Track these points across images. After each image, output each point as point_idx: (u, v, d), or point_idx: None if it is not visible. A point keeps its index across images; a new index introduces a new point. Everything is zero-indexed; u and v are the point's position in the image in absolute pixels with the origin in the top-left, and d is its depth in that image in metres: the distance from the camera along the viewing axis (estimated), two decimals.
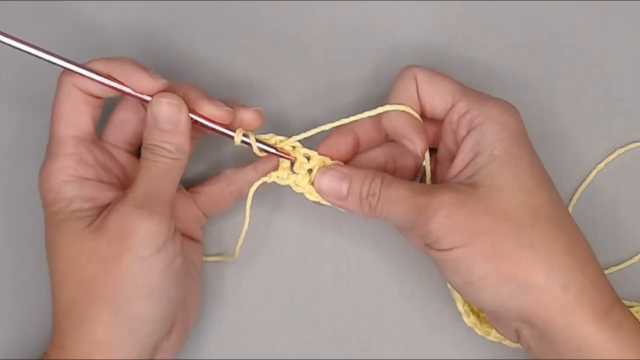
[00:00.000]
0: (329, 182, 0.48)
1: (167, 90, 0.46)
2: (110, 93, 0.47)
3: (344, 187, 0.47)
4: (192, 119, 0.46)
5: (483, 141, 0.45)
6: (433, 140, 0.50)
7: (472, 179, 0.45)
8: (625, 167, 0.55)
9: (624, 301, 0.51)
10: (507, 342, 0.49)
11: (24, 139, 0.55)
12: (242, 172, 0.51)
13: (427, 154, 0.49)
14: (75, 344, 0.45)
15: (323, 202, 0.49)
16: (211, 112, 0.47)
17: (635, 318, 0.44)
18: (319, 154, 0.49)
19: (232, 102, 0.48)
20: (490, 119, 0.46)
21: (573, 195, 0.54)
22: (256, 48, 0.56)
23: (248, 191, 0.50)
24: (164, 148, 0.45)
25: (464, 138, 0.46)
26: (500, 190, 0.44)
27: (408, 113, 0.48)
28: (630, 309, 0.51)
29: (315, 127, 0.49)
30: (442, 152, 0.50)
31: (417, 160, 0.51)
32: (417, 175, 0.52)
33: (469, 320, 0.49)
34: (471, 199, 0.44)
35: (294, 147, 0.49)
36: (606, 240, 0.53)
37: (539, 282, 0.43)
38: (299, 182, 0.49)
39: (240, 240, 0.51)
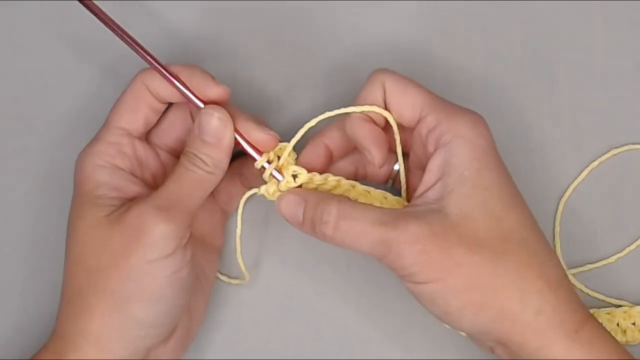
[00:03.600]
0: (286, 207, 0.46)
1: (225, 100, 0.47)
2: (175, 97, 0.47)
3: (299, 212, 0.46)
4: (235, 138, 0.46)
5: (452, 160, 0.44)
6: (404, 145, 0.49)
7: (441, 203, 0.44)
8: (619, 167, 0.55)
9: (609, 300, 0.53)
10: None
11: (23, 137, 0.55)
12: (248, 162, 0.50)
13: (401, 166, 0.49)
14: (71, 333, 0.45)
15: None
16: (258, 137, 0.46)
17: (608, 333, 0.45)
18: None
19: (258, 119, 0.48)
20: (459, 138, 0.44)
21: (564, 192, 0.54)
22: (255, 48, 0.56)
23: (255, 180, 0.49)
24: (201, 159, 0.45)
25: (432, 154, 0.45)
26: (471, 218, 0.43)
27: (369, 122, 0.46)
28: (619, 308, 0.52)
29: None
30: (412, 159, 0.49)
31: (387, 166, 0.50)
32: (388, 180, 0.51)
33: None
34: (443, 230, 0.43)
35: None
36: (592, 237, 0.54)
37: (514, 309, 0.43)
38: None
39: (240, 261, 0.50)
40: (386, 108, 0.47)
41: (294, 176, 0.47)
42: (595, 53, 0.56)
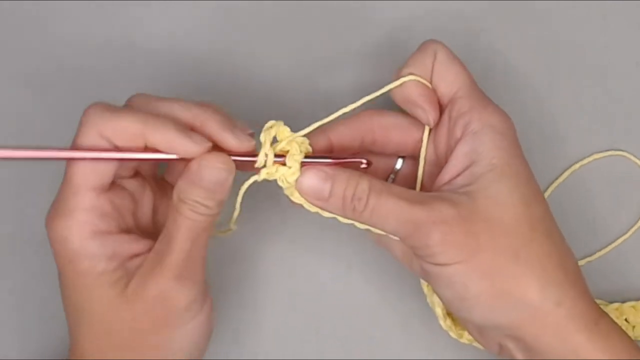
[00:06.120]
0: (310, 181, 0.45)
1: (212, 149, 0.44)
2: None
3: (326, 188, 0.44)
4: None
5: (481, 149, 0.44)
6: (415, 145, 0.49)
7: (468, 189, 0.44)
8: (616, 167, 0.55)
9: None
10: (477, 344, 0.49)
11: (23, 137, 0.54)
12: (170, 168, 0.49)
13: (422, 151, 0.48)
14: None
15: (306, 205, 0.46)
16: (233, 145, 0.44)
17: (621, 329, 0.45)
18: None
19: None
20: (489, 127, 0.45)
21: (545, 191, 0.55)
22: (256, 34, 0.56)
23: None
24: (205, 206, 0.43)
25: (458, 141, 0.45)
26: (499, 203, 0.43)
27: (421, 83, 0.46)
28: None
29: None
30: (429, 150, 0.49)
31: (388, 163, 0.50)
32: (388, 177, 0.51)
33: (445, 324, 0.50)
34: (471, 213, 0.43)
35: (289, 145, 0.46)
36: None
37: (533, 299, 0.43)
38: (288, 175, 0.45)
39: (236, 214, 0.47)
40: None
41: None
42: (595, 53, 0.56)
